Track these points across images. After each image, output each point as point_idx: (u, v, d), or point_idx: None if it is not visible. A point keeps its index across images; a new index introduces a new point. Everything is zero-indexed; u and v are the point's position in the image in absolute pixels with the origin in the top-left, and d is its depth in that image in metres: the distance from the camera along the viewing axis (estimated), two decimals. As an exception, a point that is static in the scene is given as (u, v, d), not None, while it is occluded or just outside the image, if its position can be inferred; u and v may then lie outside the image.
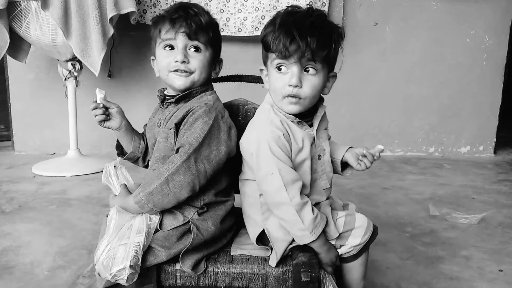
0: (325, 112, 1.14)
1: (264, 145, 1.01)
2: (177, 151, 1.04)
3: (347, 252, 1.06)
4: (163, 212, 1.05)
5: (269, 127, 1.03)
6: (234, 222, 1.16)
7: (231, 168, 1.15)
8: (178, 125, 1.07)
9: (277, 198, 0.99)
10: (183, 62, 1.08)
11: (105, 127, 1.22)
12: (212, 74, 1.16)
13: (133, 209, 1.04)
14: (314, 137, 1.08)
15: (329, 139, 1.15)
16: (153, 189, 1.00)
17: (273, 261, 1.04)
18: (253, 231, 1.10)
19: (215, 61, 1.16)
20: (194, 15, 1.09)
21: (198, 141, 1.02)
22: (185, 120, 1.06)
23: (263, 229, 1.07)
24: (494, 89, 3.18)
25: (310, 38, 0.97)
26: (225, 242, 1.12)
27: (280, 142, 1.01)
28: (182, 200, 1.02)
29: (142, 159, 1.26)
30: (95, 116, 1.20)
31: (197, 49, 1.10)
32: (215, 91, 1.17)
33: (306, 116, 1.08)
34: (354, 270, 1.09)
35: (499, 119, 3.22)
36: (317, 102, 1.09)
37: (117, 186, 1.13)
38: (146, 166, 1.26)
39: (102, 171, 1.20)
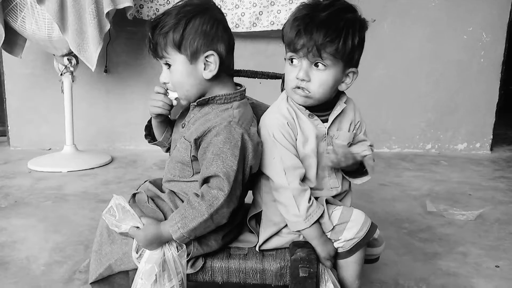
0: (358, 113, 1.13)
1: (268, 131, 1.05)
2: (206, 179, 0.99)
3: (341, 247, 1.05)
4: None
5: (275, 114, 1.06)
6: (237, 235, 1.14)
7: (247, 185, 1.10)
8: (197, 140, 1.02)
9: (277, 181, 1.03)
10: (164, 83, 1.07)
11: (152, 116, 1.15)
12: (205, 75, 1.03)
13: (165, 240, 1.01)
14: (325, 134, 1.08)
15: (370, 146, 1.14)
16: (196, 226, 0.96)
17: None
18: (251, 211, 1.13)
19: (197, 61, 1.02)
20: (156, 31, 1.02)
21: (234, 171, 0.97)
22: (207, 137, 1.00)
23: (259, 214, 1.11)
24: (491, 86, 3.18)
25: (315, 34, 0.95)
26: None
27: (283, 129, 1.04)
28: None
29: (167, 148, 1.22)
30: (157, 107, 1.09)
31: (168, 65, 1.04)
32: (242, 102, 1.07)
33: (323, 110, 1.07)
34: (348, 268, 1.07)
35: (495, 116, 3.22)
36: (336, 98, 1.08)
37: (133, 219, 1.02)
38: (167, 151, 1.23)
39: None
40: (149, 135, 1.22)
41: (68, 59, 2.57)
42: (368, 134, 1.20)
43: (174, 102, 1.09)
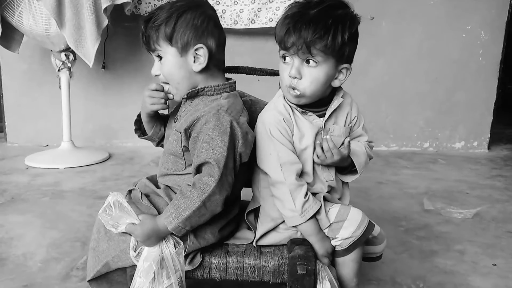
0: (355, 108, 1.14)
1: (265, 127, 1.06)
2: (198, 168, 1.00)
3: (339, 245, 1.05)
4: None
5: (271, 111, 1.08)
6: (235, 228, 1.14)
7: (241, 177, 1.11)
8: (187, 130, 1.03)
9: (274, 177, 1.04)
10: (156, 75, 1.08)
11: (149, 113, 1.15)
12: (194, 67, 1.05)
13: (163, 234, 1.00)
14: (322, 127, 1.08)
15: (369, 142, 1.16)
16: (190, 214, 0.97)
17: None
18: (249, 206, 1.14)
19: (187, 54, 1.04)
20: (149, 24, 1.04)
21: (224, 156, 0.97)
22: (196, 127, 1.01)
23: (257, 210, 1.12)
24: (489, 85, 3.18)
25: (304, 31, 0.96)
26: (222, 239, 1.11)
27: (280, 125, 1.05)
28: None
29: (157, 142, 1.23)
30: (157, 104, 1.10)
31: (159, 57, 1.06)
32: (232, 94, 1.08)
33: (319, 105, 1.08)
34: (345, 266, 1.07)
35: (493, 115, 3.23)
36: (332, 94, 1.09)
37: (130, 215, 1.02)
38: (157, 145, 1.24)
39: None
40: (139, 129, 1.23)
41: (65, 54, 2.56)
42: (367, 132, 1.20)
43: (170, 96, 1.10)
